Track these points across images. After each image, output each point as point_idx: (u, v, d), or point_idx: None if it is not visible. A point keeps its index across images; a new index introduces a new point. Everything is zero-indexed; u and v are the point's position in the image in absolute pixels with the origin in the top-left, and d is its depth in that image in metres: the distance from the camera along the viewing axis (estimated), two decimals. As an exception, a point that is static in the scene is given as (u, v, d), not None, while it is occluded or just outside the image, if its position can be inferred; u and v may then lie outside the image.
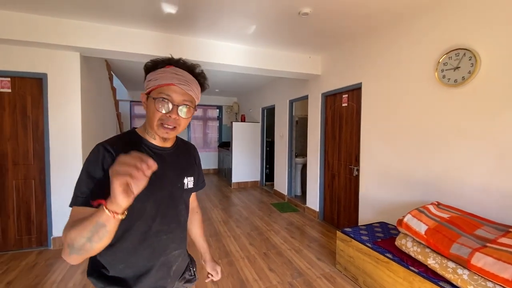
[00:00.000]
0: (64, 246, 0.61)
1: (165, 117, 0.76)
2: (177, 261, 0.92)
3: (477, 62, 1.94)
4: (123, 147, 0.75)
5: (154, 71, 0.79)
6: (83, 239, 0.57)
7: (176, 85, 0.76)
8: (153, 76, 0.78)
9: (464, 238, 1.62)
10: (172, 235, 0.88)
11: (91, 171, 0.71)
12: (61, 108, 2.82)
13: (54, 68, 2.77)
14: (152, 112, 0.77)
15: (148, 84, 0.79)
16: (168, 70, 0.77)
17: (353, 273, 2.31)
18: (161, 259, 0.85)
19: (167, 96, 0.75)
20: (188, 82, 0.78)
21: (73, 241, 0.58)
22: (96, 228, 0.57)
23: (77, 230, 0.58)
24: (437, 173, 2.25)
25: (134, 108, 7.00)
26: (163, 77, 0.76)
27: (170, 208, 0.86)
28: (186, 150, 0.98)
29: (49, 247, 2.85)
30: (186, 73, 0.79)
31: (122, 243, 0.78)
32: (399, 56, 2.57)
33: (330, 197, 3.77)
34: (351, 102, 3.32)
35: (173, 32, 2.92)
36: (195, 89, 0.80)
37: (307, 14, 2.44)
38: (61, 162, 2.83)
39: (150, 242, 0.82)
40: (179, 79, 0.77)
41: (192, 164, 0.98)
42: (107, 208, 0.55)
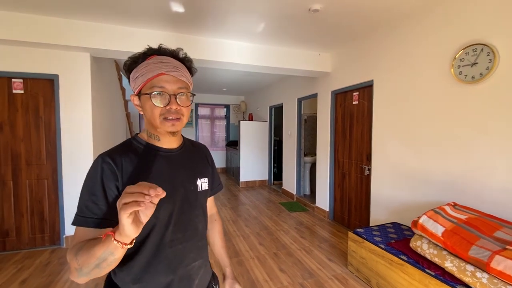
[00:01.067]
0: (71, 269, 0.60)
1: (166, 111, 0.71)
2: (199, 273, 0.82)
3: (495, 57, 1.86)
4: (125, 156, 0.71)
5: (137, 68, 0.72)
6: (91, 265, 0.57)
7: (166, 74, 0.70)
8: (138, 73, 0.71)
9: (483, 241, 1.57)
10: (189, 244, 0.79)
11: (90, 188, 0.67)
12: (72, 108, 2.85)
13: (65, 69, 2.81)
14: (150, 110, 0.71)
15: (135, 82, 0.72)
16: (151, 61, 0.71)
17: (365, 275, 2.27)
18: (180, 273, 0.76)
19: (160, 88, 0.70)
20: (177, 67, 0.73)
21: (81, 266, 0.57)
22: (104, 256, 0.56)
23: (84, 257, 0.57)
24: (454, 172, 2.18)
25: (142, 107, 7.05)
26: (149, 69, 0.70)
27: (184, 213, 0.78)
28: (196, 150, 0.92)
29: (61, 246, 2.90)
30: (171, 59, 0.74)
31: (135, 258, 0.71)
32: (413, 52, 2.50)
33: (340, 196, 3.72)
34: (362, 100, 3.25)
35: (182, 32, 2.92)
36: (186, 73, 0.75)
37: (318, 11, 2.40)
38: (72, 162, 2.87)
39: (165, 254, 0.74)
40: (166, 66, 0.71)
41: (204, 165, 0.91)
42: (115, 239, 0.53)
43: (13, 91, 2.70)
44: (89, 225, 0.65)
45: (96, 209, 0.65)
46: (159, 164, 0.75)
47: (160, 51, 0.74)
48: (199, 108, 7.56)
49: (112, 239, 0.53)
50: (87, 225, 0.65)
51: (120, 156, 0.71)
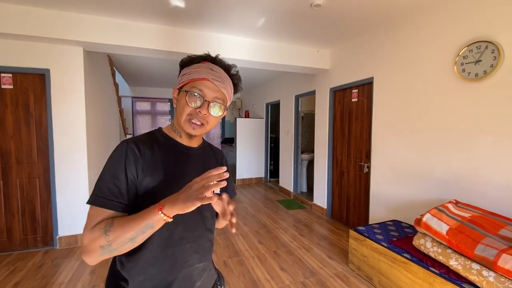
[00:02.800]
0: (91, 248, 0.61)
1: (195, 113, 0.73)
2: (202, 276, 0.82)
3: (500, 55, 1.85)
4: (148, 145, 0.74)
5: (189, 66, 0.77)
6: (126, 239, 0.60)
7: (210, 80, 0.74)
8: (187, 71, 0.76)
9: (489, 239, 1.56)
10: (196, 244, 0.79)
11: (113, 171, 0.69)
12: (65, 104, 2.74)
13: (56, 64, 2.69)
14: (181, 106, 0.74)
15: (182, 78, 0.76)
16: (203, 65, 0.75)
17: (367, 273, 2.26)
18: (183, 272, 0.76)
19: (199, 91, 0.73)
20: (223, 79, 0.76)
21: (111, 242, 0.60)
22: (144, 229, 0.60)
23: (118, 232, 0.60)
24: (456, 169, 2.18)
25: (136, 104, 6.91)
26: (198, 72, 0.74)
27: (194, 213, 0.75)
28: (213, 154, 0.93)
29: (55, 247, 2.80)
30: (221, 71, 0.77)
31: (143, 251, 0.72)
32: (415, 49, 2.49)
33: (338, 194, 3.72)
34: (361, 97, 3.23)
35: (180, 26, 2.83)
36: (228, 88, 0.78)
37: (320, 6, 2.35)
38: (66, 160, 2.77)
39: (172, 251, 0.74)
40: (214, 74, 0.74)
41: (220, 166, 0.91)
42: (163, 212, 0.58)
43: (2, 86, 2.57)
44: (109, 207, 0.66)
45: (117, 192, 0.67)
46: (177, 158, 0.77)
47: (216, 60, 0.78)
48: (194, 105, 7.45)
49: (157, 211, 0.58)
50: (107, 206, 0.66)
51: (143, 144, 0.73)
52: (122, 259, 0.74)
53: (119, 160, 0.69)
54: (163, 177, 0.72)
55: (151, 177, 0.71)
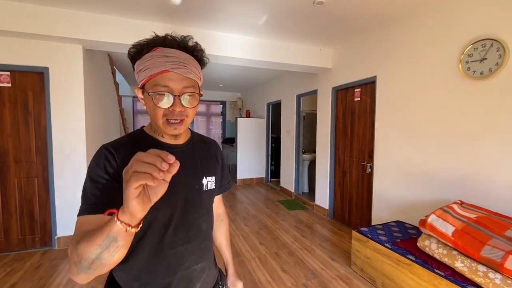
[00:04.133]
0: (70, 264, 0.52)
1: (169, 112, 0.65)
2: (201, 277, 0.78)
3: (505, 53, 1.82)
4: (129, 147, 0.68)
5: (141, 59, 0.67)
6: (92, 255, 0.48)
7: (170, 71, 0.64)
8: (141, 66, 0.65)
9: (495, 240, 1.53)
10: (191, 246, 0.75)
11: (94, 176, 0.63)
12: (64, 103, 2.71)
13: (56, 62, 2.66)
14: (152, 110, 0.66)
15: (139, 76, 0.66)
16: (156, 53, 0.65)
17: (370, 275, 2.22)
18: (179, 275, 0.73)
19: (164, 88, 0.63)
20: (184, 63, 0.65)
21: (80, 258, 0.49)
22: (106, 243, 0.47)
23: (84, 245, 0.49)
24: (461, 169, 2.14)
25: (136, 104, 6.88)
26: (153, 64, 0.63)
27: (186, 214, 0.74)
28: (205, 146, 0.86)
29: (53, 247, 2.77)
30: (178, 52, 0.67)
31: (134, 257, 0.69)
32: (419, 48, 2.45)
33: (340, 194, 3.68)
34: (364, 96, 3.20)
35: (180, 24, 2.80)
36: (194, 69, 0.67)
37: (322, 3, 2.32)
38: (65, 159, 2.74)
39: (165, 255, 0.71)
40: (172, 62, 0.64)
41: (213, 162, 0.86)
42: (118, 219, 0.46)
43: (0, 85, 2.54)
44: (92, 211, 0.59)
45: (100, 196, 0.61)
46: None
47: (166, 41, 0.67)
48: (194, 105, 7.42)
49: (115, 220, 0.46)
50: (90, 211, 0.59)
51: (122, 147, 0.68)
52: (115, 268, 0.71)
53: (98, 165, 0.64)
54: None
55: None
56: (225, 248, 1.05)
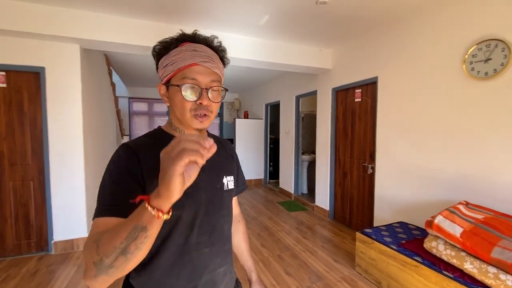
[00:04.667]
0: (87, 267, 0.49)
1: (196, 106, 0.65)
2: (224, 280, 0.76)
3: (511, 53, 1.82)
4: (151, 147, 0.66)
5: (168, 54, 0.66)
6: (117, 250, 0.46)
7: (199, 64, 0.64)
8: (168, 60, 0.65)
9: (505, 241, 1.52)
10: (215, 248, 0.73)
11: (115, 177, 0.61)
12: (61, 104, 2.64)
13: (52, 62, 2.59)
14: (180, 103, 0.64)
15: (165, 71, 0.66)
16: (184, 48, 0.65)
17: (375, 277, 2.20)
18: (204, 278, 0.70)
19: (192, 80, 0.63)
20: (211, 58, 0.66)
21: (102, 255, 0.47)
22: (134, 234, 0.45)
23: (107, 240, 0.47)
24: (465, 170, 2.14)
25: (132, 105, 6.79)
26: (181, 58, 0.63)
27: (210, 214, 0.72)
28: (221, 146, 0.84)
29: (50, 252, 2.69)
30: (205, 48, 0.67)
31: (157, 260, 0.65)
32: (422, 48, 2.45)
33: (341, 195, 3.66)
34: (365, 97, 3.19)
35: (179, 23, 2.75)
36: (219, 65, 0.69)
37: (325, 3, 2.30)
38: (61, 161, 2.66)
39: (190, 258, 0.68)
40: (201, 55, 0.64)
41: (230, 162, 0.85)
42: (150, 205, 0.44)
43: (-6, 85, 2.46)
44: (113, 213, 0.56)
45: (121, 197, 0.58)
46: None
47: (195, 38, 0.68)
48: (191, 106, 7.35)
49: (146, 207, 0.44)
50: (112, 213, 0.57)
51: (144, 147, 0.66)
52: (134, 274, 0.67)
53: (119, 165, 0.62)
54: None
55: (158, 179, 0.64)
56: (245, 253, 0.99)
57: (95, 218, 0.58)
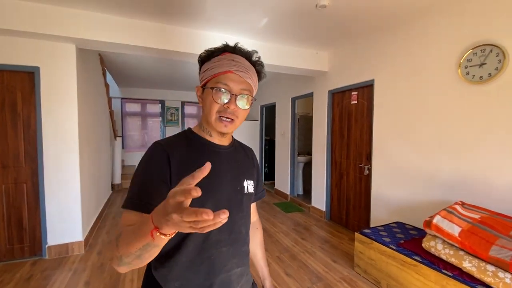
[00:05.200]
0: (113, 256, 0.57)
1: (223, 109, 0.70)
2: (240, 281, 0.78)
3: (505, 58, 1.89)
4: (181, 146, 0.72)
5: (209, 61, 0.73)
6: (131, 256, 0.52)
7: (233, 72, 0.70)
8: (208, 66, 0.72)
9: (502, 240, 1.57)
10: (233, 248, 0.76)
11: (146, 174, 0.67)
12: (56, 104, 2.57)
13: (47, 61, 2.53)
14: (209, 104, 0.71)
15: (204, 75, 0.73)
16: (224, 57, 0.72)
17: (374, 276, 2.24)
18: (221, 277, 0.72)
19: (224, 85, 0.69)
20: (246, 69, 0.72)
21: (121, 254, 0.53)
22: (147, 248, 0.49)
23: (124, 247, 0.53)
24: (462, 171, 2.20)
25: (125, 106, 6.68)
26: (219, 65, 0.70)
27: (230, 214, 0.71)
28: (244, 151, 0.89)
29: (44, 257, 2.61)
30: (243, 59, 0.73)
31: (178, 255, 0.69)
32: (418, 51, 2.51)
33: (337, 196, 3.70)
34: (361, 99, 3.24)
35: (176, 23, 2.72)
36: (253, 76, 0.74)
37: (325, 7, 2.33)
38: (56, 163, 2.60)
39: (209, 254, 0.71)
40: (236, 65, 0.71)
41: (251, 167, 0.88)
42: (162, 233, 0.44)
43: (-14, 84, 2.38)
44: (141, 210, 0.62)
45: (150, 194, 0.64)
46: (208, 157, 0.72)
47: (235, 49, 0.74)
48: (185, 107, 7.30)
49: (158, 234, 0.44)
50: (136, 208, 0.62)
51: (174, 145, 0.71)
52: (156, 265, 0.70)
53: (151, 163, 0.68)
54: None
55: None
56: (260, 259, 1.01)
57: (123, 208, 0.64)
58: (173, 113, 7.12)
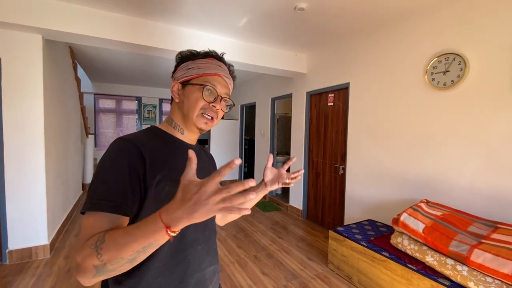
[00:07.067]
0: (84, 268, 0.49)
1: (208, 107, 0.72)
2: (213, 280, 0.77)
3: (466, 66, 2.04)
4: (151, 143, 0.68)
5: (194, 61, 0.75)
6: (124, 260, 0.48)
7: (221, 77, 0.75)
8: (194, 65, 0.74)
9: (460, 235, 1.69)
10: (207, 246, 0.76)
11: (114, 170, 0.59)
12: (19, 99, 2.40)
13: (10, 52, 2.35)
14: (194, 100, 0.72)
15: (188, 72, 0.74)
16: (211, 61, 0.76)
17: (346, 272, 2.32)
18: (196, 277, 0.71)
19: (213, 86, 0.73)
20: (229, 76, 0.79)
21: (106, 261, 0.48)
22: (147, 249, 0.48)
23: (113, 251, 0.48)
24: (426, 172, 2.34)
25: (99, 101, 6.38)
26: (208, 67, 0.74)
27: None
28: (204, 153, 0.91)
29: (4, 262, 2.43)
30: (226, 68, 0.79)
31: (151, 261, 0.63)
32: (390, 58, 2.63)
33: (314, 195, 3.79)
34: (337, 101, 3.35)
35: (152, 18, 2.64)
36: (231, 85, 0.80)
37: (303, 10, 2.37)
38: (19, 164, 2.42)
39: (185, 255, 0.69)
40: (223, 71, 0.76)
41: (212, 166, 0.91)
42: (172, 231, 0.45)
43: None
44: (116, 211, 0.56)
45: (119, 193, 0.57)
46: (182, 156, 0.72)
47: (221, 58, 0.79)
48: (163, 104, 7.11)
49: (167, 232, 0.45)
50: (113, 210, 0.55)
51: (144, 141, 0.66)
52: (120, 278, 0.63)
53: (120, 158, 0.60)
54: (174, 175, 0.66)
55: (162, 177, 0.64)
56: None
57: (86, 212, 0.56)
58: (150, 110, 6.92)
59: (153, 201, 0.62)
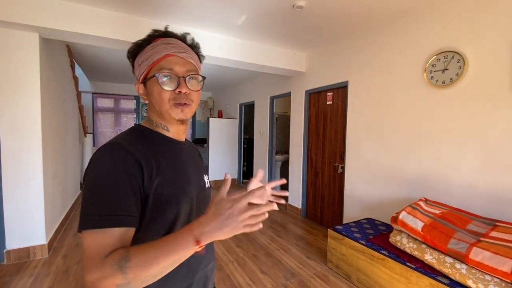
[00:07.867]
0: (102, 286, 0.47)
1: (175, 95, 0.64)
2: (212, 276, 0.78)
3: (465, 64, 2.03)
4: (140, 145, 0.63)
5: (141, 52, 0.67)
6: (151, 275, 0.48)
7: (174, 55, 0.65)
8: (143, 57, 0.66)
9: (459, 234, 1.69)
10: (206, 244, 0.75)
11: (112, 182, 0.55)
12: (15, 99, 2.38)
13: (5, 51, 2.33)
14: (157, 94, 0.64)
15: (140, 68, 0.66)
16: (157, 43, 0.66)
17: (345, 271, 2.32)
18: (198, 275, 0.70)
19: (169, 71, 0.64)
20: (185, 49, 0.68)
21: (130, 280, 0.47)
22: (174, 264, 0.49)
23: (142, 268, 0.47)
24: (425, 170, 2.34)
25: (97, 100, 6.35)
26: (156, 52, 0.65)
27: (201, 209, 0.72)
28: (193, 147, 0.87)
29: (2, 262, 2.42)
30: (178, 41, 0.69)
31: None
32: (389, 56, 2.63)
33: (313, 194, 3.79)
34: (336, 100, 3.34)
35: (149, 16, 2.62)
36: (194, 56, 0.70)
37: (302, 8, 2.36)
38: (16, 164, 2.41)
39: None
40: (174, 47, 0.66)
41: (202, 162, 0.88)
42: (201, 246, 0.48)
43: None
44: (119, 224, 0.52)
45: (124, 205, 0.54)
46: (175, 156, 0.70)
47: (167, 33, 0.69)
48: (162, 103, 7.09)
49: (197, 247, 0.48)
50: (116, 224, 0.52)
51: (135, 145, 0.62)
52: None
53: (117, 167, 0.56)
54: (171, 177, 0.65)
55: (160, 181, 0.62)
56: None
57: (88, 230, 0.51)
58: (148, 109, 6.89)
59: (154, 207, 0.60)
